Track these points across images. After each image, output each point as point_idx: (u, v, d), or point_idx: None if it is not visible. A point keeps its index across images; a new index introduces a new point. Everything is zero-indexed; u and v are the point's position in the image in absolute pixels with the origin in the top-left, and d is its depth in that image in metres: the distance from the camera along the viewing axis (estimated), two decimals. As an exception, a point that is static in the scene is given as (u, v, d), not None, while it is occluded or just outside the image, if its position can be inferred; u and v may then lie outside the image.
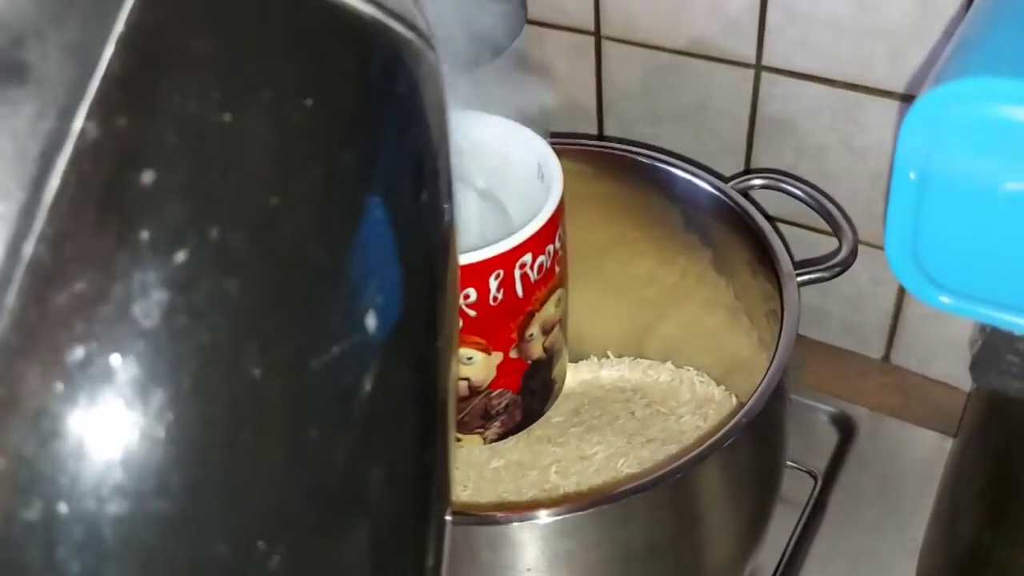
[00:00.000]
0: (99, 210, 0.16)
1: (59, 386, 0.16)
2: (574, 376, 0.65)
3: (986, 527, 0.51)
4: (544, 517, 0.41)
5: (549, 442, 0.60)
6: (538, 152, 0.49)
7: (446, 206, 0.22)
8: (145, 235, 0.16)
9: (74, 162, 0.16)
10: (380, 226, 0.20)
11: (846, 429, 0.67)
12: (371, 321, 0.19)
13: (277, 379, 0.18)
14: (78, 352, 0.16)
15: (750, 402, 0.45)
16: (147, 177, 0.16)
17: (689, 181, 0.56)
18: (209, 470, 0.17)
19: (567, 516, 0.41)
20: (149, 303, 0.16)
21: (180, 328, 0.16)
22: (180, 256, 0.16)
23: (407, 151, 0.21)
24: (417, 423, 0.21)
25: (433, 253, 0.22)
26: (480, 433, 0.51)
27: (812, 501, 0.62)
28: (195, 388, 0.17)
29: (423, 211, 0.21)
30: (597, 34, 0.67)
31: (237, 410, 0.17)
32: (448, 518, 0.23)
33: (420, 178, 0.21)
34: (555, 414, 0.60)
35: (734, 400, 0.61)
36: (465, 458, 0.58)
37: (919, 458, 0.65)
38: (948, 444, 0.64)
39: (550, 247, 0.45)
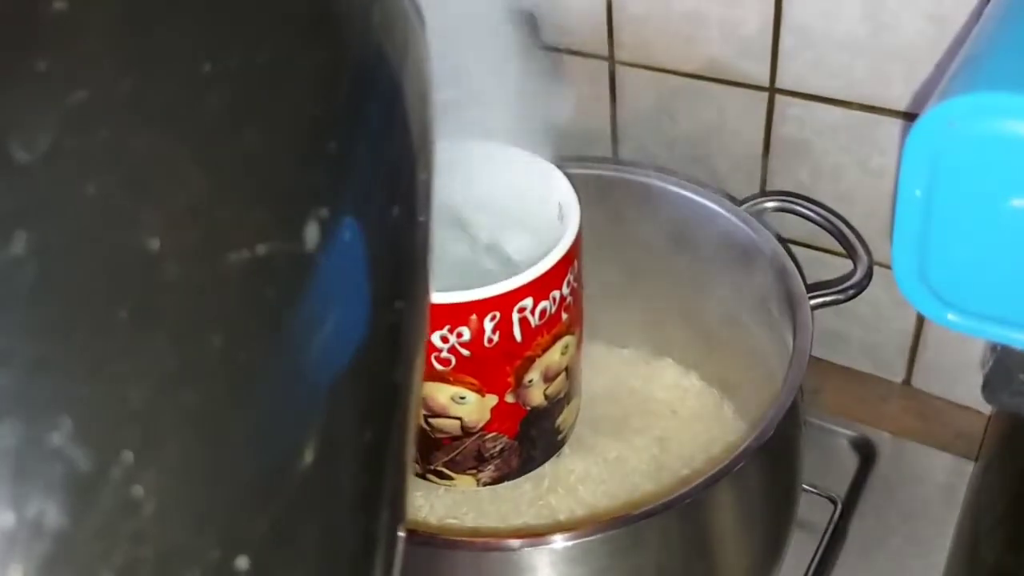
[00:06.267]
0: None
1: None
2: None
3: (1009, 551, 0.50)
4: (559, 542, 0.41)
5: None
6: (560, 192, 0.47)
7: (421, 219, 0.21)
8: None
9: None
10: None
11: (867, 454, 0.66)
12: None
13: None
14: None
15: (761, 425, 0.44)
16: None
17: (701, 204, 0.56)
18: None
19: (576, 542, 0.41)
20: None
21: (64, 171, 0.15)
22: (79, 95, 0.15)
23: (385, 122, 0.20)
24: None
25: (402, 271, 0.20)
26: (473, 475, 0.50)
27: (832, 527, 0.61)
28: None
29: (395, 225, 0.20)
30: (611, 59, 0.67)
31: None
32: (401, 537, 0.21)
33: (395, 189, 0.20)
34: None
35: (748, 423, 0.60)
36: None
37: (941, 483, 0.64)
38: (970, 468, 0.63)
39: (556, 293, 0.44)
